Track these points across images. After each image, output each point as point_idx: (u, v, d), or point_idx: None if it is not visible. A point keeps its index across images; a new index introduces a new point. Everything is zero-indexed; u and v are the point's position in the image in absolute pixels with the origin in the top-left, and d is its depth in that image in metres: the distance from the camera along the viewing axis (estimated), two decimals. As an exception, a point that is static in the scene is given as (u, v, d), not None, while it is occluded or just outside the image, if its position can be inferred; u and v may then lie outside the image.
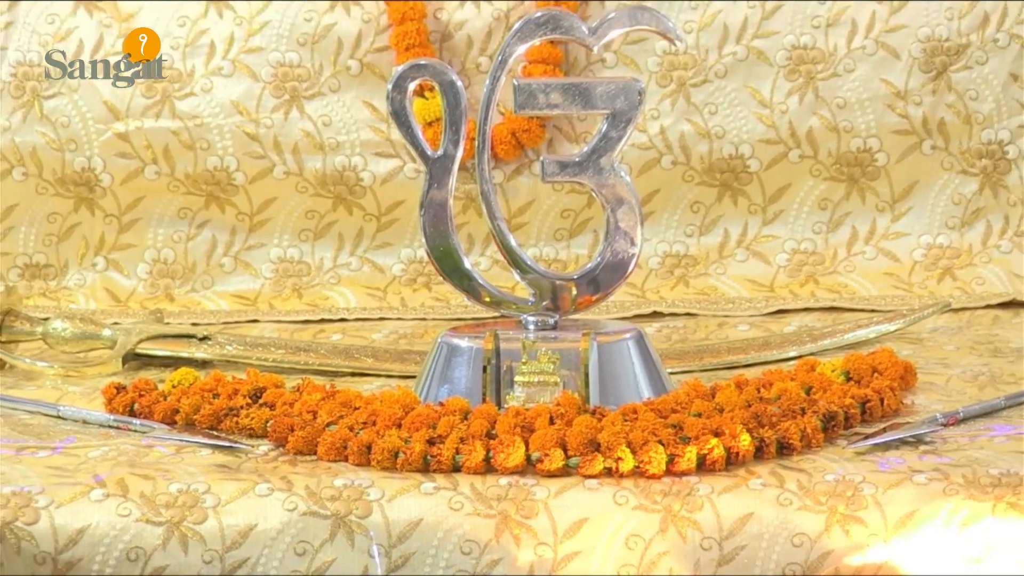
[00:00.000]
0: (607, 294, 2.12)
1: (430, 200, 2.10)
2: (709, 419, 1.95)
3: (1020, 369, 2.21)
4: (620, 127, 2.09)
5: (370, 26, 2.52)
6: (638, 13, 2.15)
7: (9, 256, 2.50)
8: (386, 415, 1.97)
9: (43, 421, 2.08)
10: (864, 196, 2.53)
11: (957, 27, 2.52)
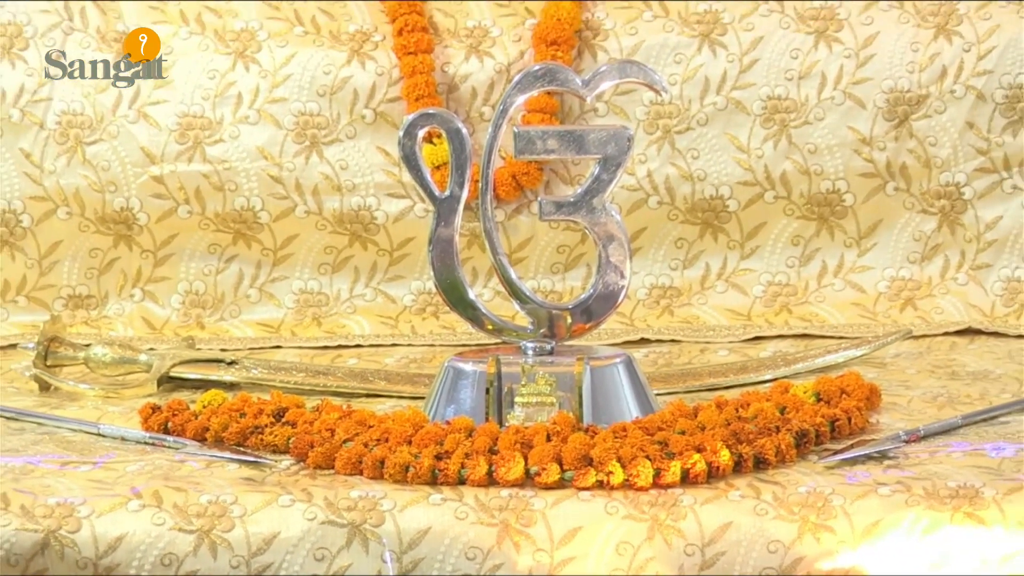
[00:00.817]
0: (599, 322, 2.12)
1: (438, 237, 2.10)
2: (692, 436, 1.95)
3: (976, 391, 2.21)
4: (611, 171, 2.09)
5: (383, 79, 2.52)
6: (627, 67, 2.16)
7: (54, 288, 2.50)
8: (398, 433, 1.97)
9: (85, 438, 2.08)
10: (833, 233, 2.53)
11: (918, 79, 2.52)
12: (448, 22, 2.56)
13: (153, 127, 2.49)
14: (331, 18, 2.56)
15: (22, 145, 2.49)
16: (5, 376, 2.33)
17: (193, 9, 2.56)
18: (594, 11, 2.56)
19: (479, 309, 2.11)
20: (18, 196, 2.48)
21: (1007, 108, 2.52)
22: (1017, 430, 2.06)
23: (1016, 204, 2.53)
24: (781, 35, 2.54)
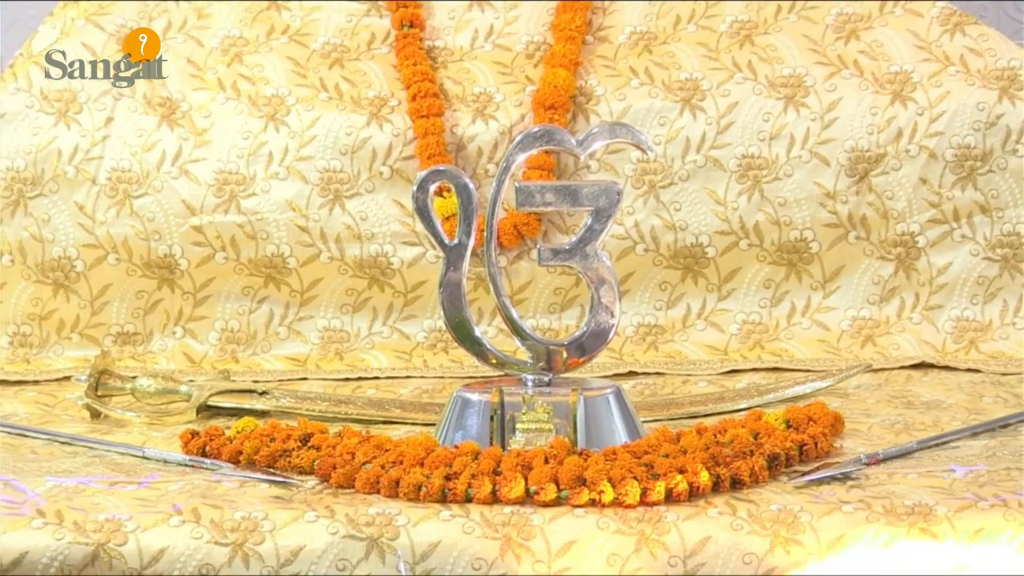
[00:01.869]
0: (591, 357, 2.11)
1: (447, 280, 2.09)
2: (675, 459, 1.95)
3: (929, 419, 2.20)
4: (602, 221, 2.09)
5: (399, 139, 2.52)
6: (616, 128, 2.15)
7: (104, 326, 2.49)
8: (411, 456, 1.96)
9: (131, 461, 2.08)
10: (801, 277, 2.53)
11: (876, 140, 2.52)
12: (457, 88, 2.57)
13: (193, 182, 2.49)
14: (352, 85, 2.56)
15: (76, 199, 2.49)
16: (60, 405, 2.32)
17: (229, 77, 2.56)
18: (587, 79, 2.56)
19: (484, 345, 2.11)
20: (73, 244, 2.48)
21: (956, 166, 2.52)
22: (967, 454, 2.05)
23: (965, 252, 2.52)
24: (754, 100, 2.54)
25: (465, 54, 2.61)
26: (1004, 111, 2.53)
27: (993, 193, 2.52)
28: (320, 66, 2.58)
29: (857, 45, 2.59)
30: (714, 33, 2.60)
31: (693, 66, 2.57)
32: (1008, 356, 2.46)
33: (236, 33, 2.60)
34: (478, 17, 2.64)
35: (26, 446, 2.15)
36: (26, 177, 2.48)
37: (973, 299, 2.52)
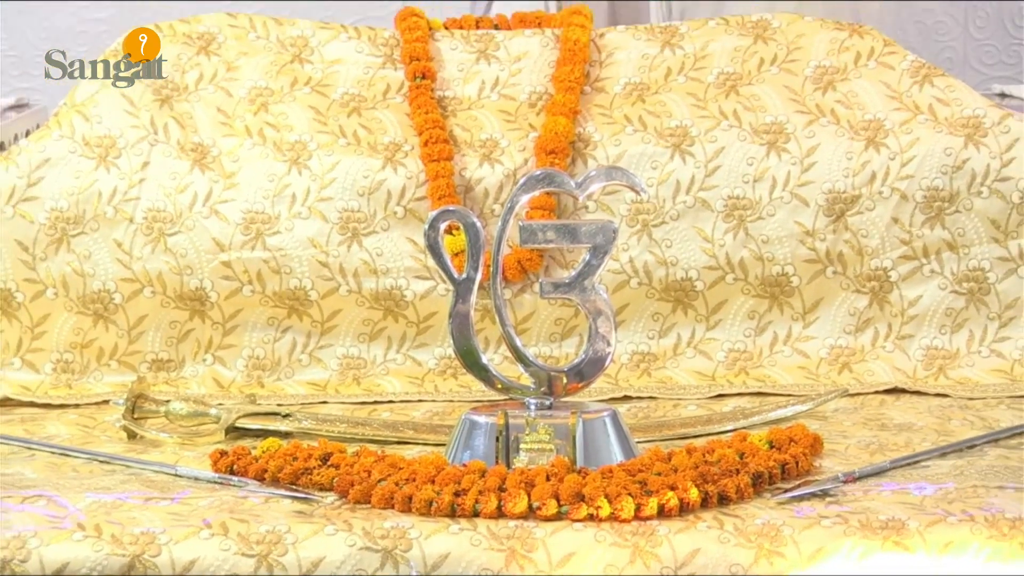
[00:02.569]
0: (589, 382, 2.11)
1: (456, 312, 2.09)
2: (666, 477, 1.94)
3: (901, 440, 2.20)
4: (599, 257, 2.09)
5: (412, 181, 2.52)
6: (612, 171, 2.16)
7: (140, 353, 2.49)
8: (423, 474, 1.96)
9: (165, 478, 2.07)
10: (782, 309, 2.53)
11: (852, 182, 2.52)
12: (465, 135, 2.57)
13: (223, 221, 2.49)
14: (369, 132, 2.56)
15: (115, 236, 2.49)
16: (100, 427, 2.32)
17: (256, 124, 2.56)
18: (585, 126, 2.56)
19: (490, 371, 2.11)
20: (112, 278, 2.48)
21: (926, 206, 2.52)
22: (936, 473, 2.05)
23: (934, 286, 2.52)
24: (739, 146, 2.54)
25: (473, 103, 2.61)
26: (969, 156, 2.53)
27: (960, 232, 2.52)
28: (340, 114, 2.58)
29: (834, 95, 2.59)
30: (702, 84, 2.61)
31: (683, 114, 2.57)
32: (974, 382, 2.46)
33: (262, 84, 2.60)
34: (485, 69, 2.64)
35: (68, 464, 2.15)
36: (69, 216, 2.49)
37: (941, 329, 2.52)
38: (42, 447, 2.21)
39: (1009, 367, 2.48)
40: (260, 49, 2.63)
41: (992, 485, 1.99)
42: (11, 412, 2.38)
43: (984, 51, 4.18)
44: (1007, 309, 2.52)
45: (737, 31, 2.65)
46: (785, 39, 2.64)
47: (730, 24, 2.66)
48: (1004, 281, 2.52)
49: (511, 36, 2.67)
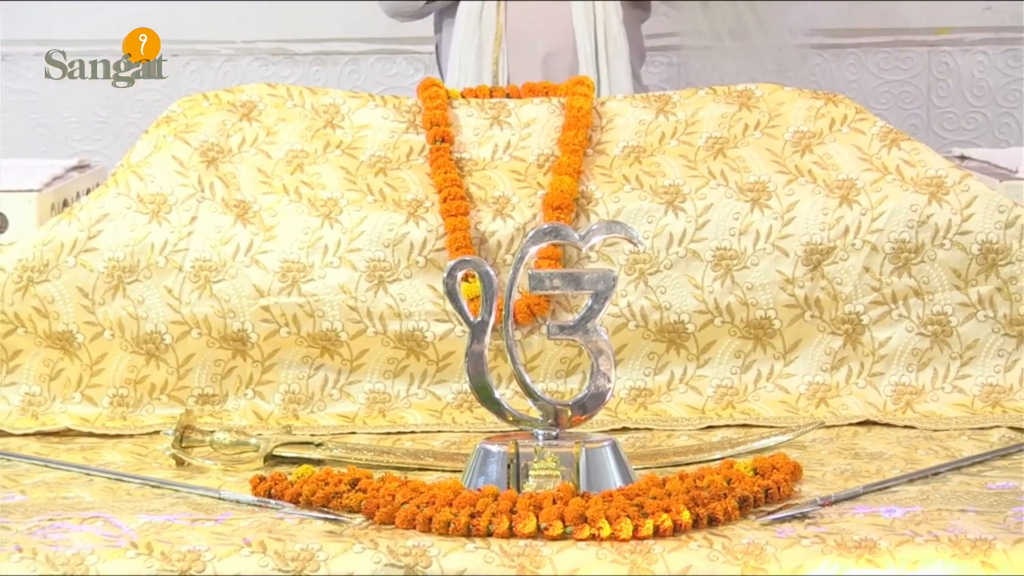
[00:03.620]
0: (592, 415, 2.11)
1: (472, 351, 2.09)
2: (661, 501, 1.94)
3: (873, 467, 2.20)
4: (600, 302, 2.09)
5: (432, 234, 2.52)
6: (612, 225, 2.16)
7: (188, 389, 2.49)
8: (442, 497, 1.96)
9: (209, 501, 2.07)
10: (765, 349, 2.52)
11: (827, 235, 2.52)
12: (480, 192, 2.57)
13: (262, 270, 2.49)
14: (394, 189, 2.56)
15: (166, 283, 2.49)
16: (151, 455, 2.31)
17: (292, 183, 2.56)
18: (588, 184, 2.57)
19: (503, 405, 2.10)
20: (162, 321, 2.48)
21: (894, 257, 2.52)
22: (904, 497, 2.05)
23: (901, 328, 2.51)
24: (726, 203, 2.54)
25: (487, 164, 2.62)
26: (933, 212, 2.53)
27: (925, 280, 2.52)
28: (367, 174, 2.59)
29: (811, 157, 2.59)
30: (693, 147, 2.61)
31: (675, 174, 2.57)
32: (938, 415, 2.45)
33: (298, 147, 2.60)
34: (498, 134, 2.64)
35: (123, 489, 2.14)
36: (125, 266, 2.49)
37: (909, 368, 2.51)
38: (99, 473, 2.21)
39: (970, 402, 2.48)
40: (296, 116, 2.64)
41: (955, 509, 1.98)
42: (72, 441, 2.38)
43: (945, 118, 4.19)
44: (967, 349, 2.51)
45: (724, 99, 2.65)
46: (767, 107, 2.65)
47: (717, 93, 2.67)
48: (965, 324, 2.51)
49: (521, 104, 2.68)
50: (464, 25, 3.32)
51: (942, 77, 4.15)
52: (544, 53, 3.24)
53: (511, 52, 3.27)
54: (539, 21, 3.29)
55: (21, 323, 2.46)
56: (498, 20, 3.29)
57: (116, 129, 4.14)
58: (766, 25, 3.25)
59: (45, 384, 2.47)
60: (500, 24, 3.29)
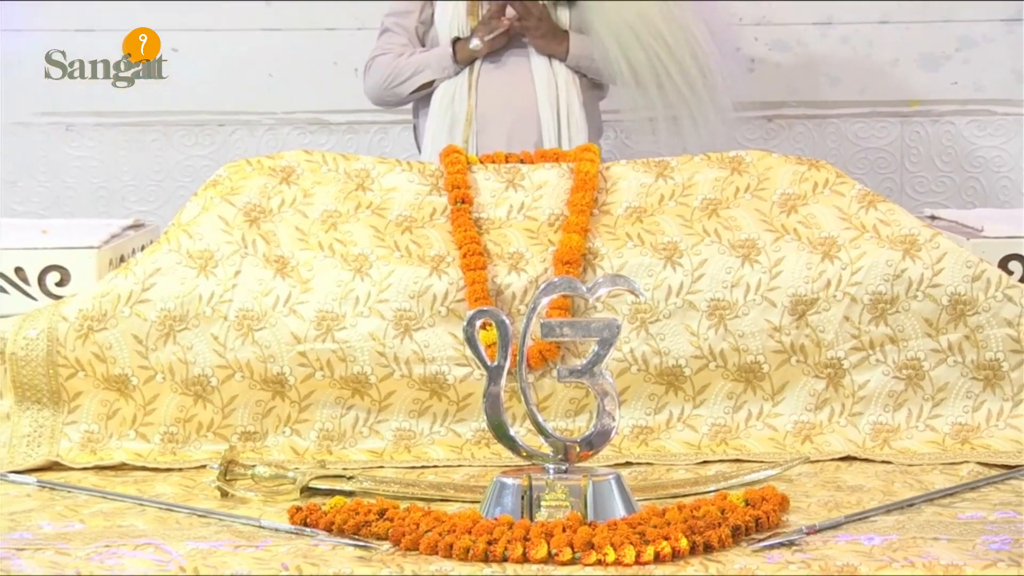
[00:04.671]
0: (598, 451, 2.10)
1: (489, 393, 2.09)
2: (661, 529, 1.93)
3: (854, 499, 2.19)
4: (605, 348, 2.09)
5: (453, 287, 2.52)
6: (616, 279, 2.16)
7: (231, 427, 2.49)
8: (461, 526, 1.95)
9: (251, 529, 2.07)
10: (755, 391, 2.51)
11: (811, 287, 2.52)
12: (496, 248, 2.57)
13: (299, 319, 2.49)
14: (419, 246, 2.57)
15: (212, 331, 2.49)
16: (198, 487, 2.31)
17: (327, 240, 2.57)
18: (594, 241, 2.57)
19: (517, 442, 2.10)
20: (209, 365, 2.48)
21: (871, 307, 2.51)
22: (883, 526, 2.04)
23: (879, 372, 2.51)
24: (719, 258, 2.54)
25: (503, 223, 2.62)
26: (907, 267, 2.52)
27: (899, 328, 2.51)
28: (395, 232, 2.59)
29: (796, 217, 2.59)
30: (689, 208, 2.61)
31: (673, 232, 2.57)
32: (912, 451, 2.44)
33: (332, 208, 2.61)
34: (512, 196, 2.65)
35: (172, 518, 2.14)
36: (175, 315, 2.49)
37: (885, 408, 2.50)
38: (151, 504, 2.21)
39: (941, 439, 2.47)
40: (331, 179, 2.65)
41: (929, 537, 1.98)
42: (127, 475, 2.38)
43: (917, 181, 4.19)
44: (939, 392, 2.51)
45: (717, 164, 2.66)
46: (756, 171, 2.65)
47: (711, 159, 2.67)
48: (936, 369, 2.51)
49: (534, 169, 2.68)
50: (438, 108, 3.36)
51: (914, 145, 4.16)
52: (510, 131, 3.26)
53: (480, 131, 3.30)
54: (505, 103, 3.31)
55: (82, 367, 2.46)
56: (468, 103, 3.32)
57: (168, 191, 4.16)
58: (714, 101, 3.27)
59: (103, 423, 2.47)
60: (471, 106, 3.32)
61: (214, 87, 4.14)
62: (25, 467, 2.37)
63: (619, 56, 3.27)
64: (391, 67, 3.40)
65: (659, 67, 3.25)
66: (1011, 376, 2.50)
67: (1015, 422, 2.47)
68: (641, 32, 3.24)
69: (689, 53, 3.24)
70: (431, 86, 3.39)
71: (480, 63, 3.35)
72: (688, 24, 3.24)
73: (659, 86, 3.27)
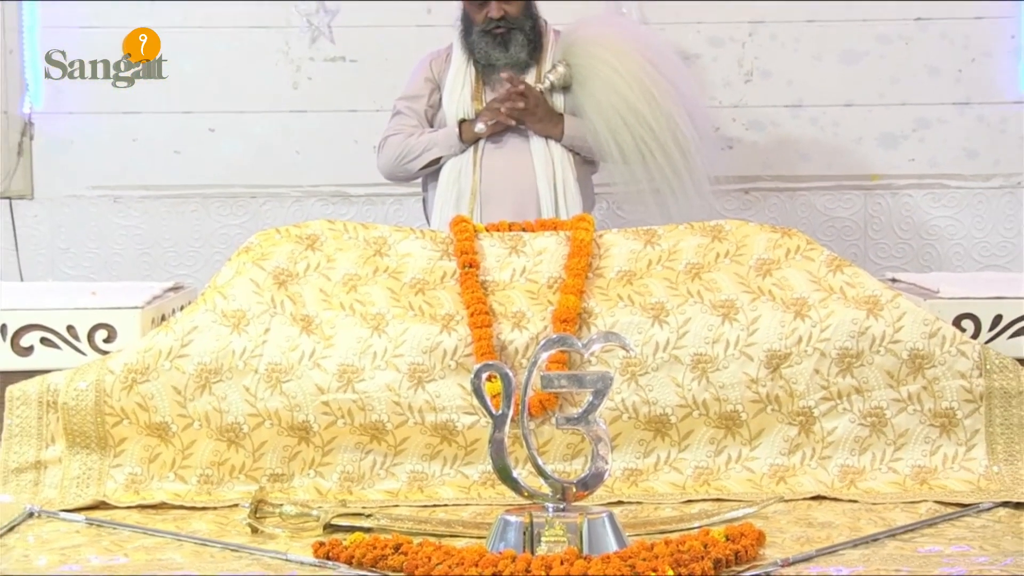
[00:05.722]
0: (592, 491, 2.10)
1: (494, 439, 2.09)
2: (650, 562, 1.93)
3: (823, 535, 2.18)
4: (599, 398, 2.09)
5: (462, 343, 2.52)
6: (609, 336, 2.17)
7: (261, 469, 2.48)
8: (469, 559, 1.95)
9: (279, 562, 2.06)
10: (735, 437, 2.51)
11: (784, 343, 2.52)
12: (501, 308, 2.58)
13: (323, 372, 2.50)
14: (431, 306, 2.57)
15: (244, 383, 2.49)
16: (231, 524, 2.30)
17: (348, 301, 2.57)
18: (589, 302, 2.57)
19: (519, 483, 2.10)
20: (241, 414, 2.48)
21: (839, 361, 2.51)
22: (849, 559, 2.04)
23: (846, 420, 2.51)
24: (702, 317, 2.54)
25: (507, 285, 2.63)
26: (870, 324, 2.53)
27: (864, 380, 2.51)
28: (409, 294, 2.60)
29: (771, 279, 2.60)
30: (674, 271, 2.62)
31: (660, 294, 2.58)
32: (876, 491, 2.44)
33: (352, 271, 2.62)
34: (515, 261, 2.66)
35: (207, 552, 2.14)
36: (211, 369, 2.49)
37: (852, 452, 2.50)
38: (188, 539, 2.20)
39: (902, 480, 2.46)
40: (351, 246, 2.66)
41: (891, 569, 1.97)
42: (166, 513, 2.38)
43: (879, 248, 4.20)
44: (900, 437, 2.50)
45: (699, 233, 2.67)
46: (735, 239, 2.66)
47: (694, 228, 2.68)
48: (897, 417, 2.51)
49: (534, 236, 2.69)
50: (445, 182, 3.38)
51: (876, 215, 4.17)
52: (511, 204, 3.28)
53: (484, 203, 3.32)
54: (507, 178, 3.34)
55: (126, 416, 2.47)
56: (473, 178, 3.35)
57: (205, 256, 4.17)
58: (693, 176, 3.30)
59: (145, 466, 2.47)
60: (475, 181, 3.34)
61: (247, 163, 4.16)
62: (75, 506, 2.37)
63: (608, 138, 3.31)
64: (402, 146, 3.43)
65: (643, 147, 3.29)
66: (964, 423, 2.50)
67: (968, 464, 2.47)
68: (627, 117, 3.28)
69: (670, 136, 3.28)
70: (439, 162, 3.42)
71: (484, 142, 3.38)
72: (670, 110, 3.28)
73: (644, 163, 3.30)
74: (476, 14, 3.38)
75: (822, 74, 4.12)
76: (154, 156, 4.14)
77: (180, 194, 4.18)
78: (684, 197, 3.32)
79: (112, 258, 4.18)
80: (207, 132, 4.15)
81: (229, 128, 4.15)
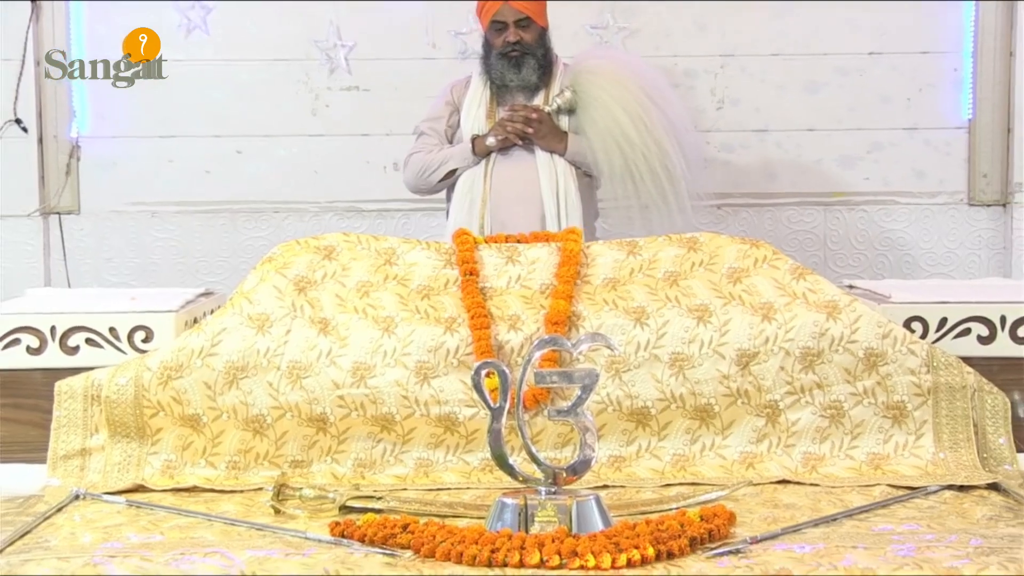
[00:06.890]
0: (581, 476, 2.10)
1: (492, 429, 2.09)
2: (632, 540, 1.92)
3: (788, 515, 2.18)
4: (587, 393, 2.09)
5: (463, 343, 2.52)
6: (595, 336, 2.17)
7: (283, 457, 2.48)
8: (470, 538, 1.94)
9: (299, 540, 2.06)
10: (708, 427, 2.51)
11: (753, 343, 2.52)
12: (498, 311, 2.57)
13: (338, 369, 2.49)
14: (435, 310, 2.57)
15: (268, 379, 2.49)
16: (256, 506, 2.30)
17: (361, 305, 2.57)
18: (577, 306, 2.57)
19: (515, 469, 2.09)
20: (265, 407, 2.48)
21: (801, 359, 2.51)
22: (811, 537, 2.04)
23: (808, 412, 2.50)
24: (679, 320, 2.54)
25: (504, 291, 2.62)
26: (830, 327, 2.53)
27: (824, 376, 2.51)
28: (416, 299, 2.59)
29: (741, 286, 2.60)
30: (654, 279, 2.62)
31: (641, 299, 2.57)
32: (835, 476, 2.44)
33: (365, 279, 2.62)
34: (511, 269, 2.65)
35: (235, 531, 2.13)
36: (238, 367, 2.49)
37: (813, 441, 2.50)
38: (218, 519, 2.20)
39: (858, 466, 2.46)
40: (364, 256, 2.65)
41: (848, 546, 1.97)
42: (198, 496, 2.37)
43: (838, 257, 4.20)
44: (856, 427, 2.50)
45: (677, 244, 2.67)
46: (708, 249, 2.66)
47: (672, 239, 2.68)
48: (854, 409, 2.51)
49: (529, 247, 2.69)
50: (460, 192, 3.41)
51: (835, 228, 4.17)
52: (518, 211, 3.30)
53: (493, 211, 3.34)
54: (514, 188, 3.35)
55: (162, 408, 2.46)
56: (484, 188, 3.37)
57: (233, 265, 4.17)
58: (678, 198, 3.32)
59: (179, 453, 2.46)
60: (486, 190, 3.36)
61: (271, 181, 4.16)
62: (116, 489, 2.37)
63: (603, 158, 3.33)
64: (423, 161, 3.47)
65: (633, 169, 3.31)
66: (914, 415, 2.49)
67: (917, 452, 2.47)
68: (620, 141, 3.31)
69: (658, 161, 3.31)
70: (456, 174, 3.44)
71: (495, 156, 3.40)
72: (660, 138, 3.31)
73: (633, 183, 3.32)
74: (496, 39, 3.41)
75: (787, 102, 4.14)
76: (188, 175, 4.14)
77: (211, 209, 4.18)
78: (668, 215, 3.34)
79: (150, 267, 4.18)
80: (235, 154, 4.15)
81: (255, 150, 4.16)
